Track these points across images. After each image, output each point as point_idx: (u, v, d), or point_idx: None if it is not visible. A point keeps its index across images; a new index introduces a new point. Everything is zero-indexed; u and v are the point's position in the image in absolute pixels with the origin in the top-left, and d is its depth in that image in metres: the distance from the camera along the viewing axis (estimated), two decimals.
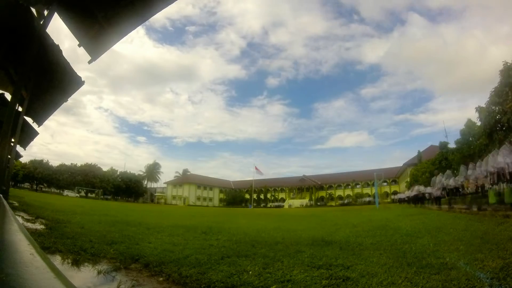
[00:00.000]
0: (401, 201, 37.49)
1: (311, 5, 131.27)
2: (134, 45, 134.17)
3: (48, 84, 6.85)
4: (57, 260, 3.24)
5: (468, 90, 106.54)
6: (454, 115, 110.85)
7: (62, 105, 8.01)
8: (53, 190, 54.38)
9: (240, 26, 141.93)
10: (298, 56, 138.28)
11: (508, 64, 13.13)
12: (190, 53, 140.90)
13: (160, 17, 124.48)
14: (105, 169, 61.53)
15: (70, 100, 7.50)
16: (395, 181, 64.40)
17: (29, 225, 5.74)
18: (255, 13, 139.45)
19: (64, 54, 5.64)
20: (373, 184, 50.43)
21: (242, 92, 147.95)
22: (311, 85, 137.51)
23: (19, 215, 6.84)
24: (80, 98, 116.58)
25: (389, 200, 57.06)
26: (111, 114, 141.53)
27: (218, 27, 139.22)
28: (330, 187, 73.03)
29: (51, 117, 9.64)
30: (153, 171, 77.75)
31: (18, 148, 13.18)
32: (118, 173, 62.57)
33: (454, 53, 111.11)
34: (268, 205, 68.86)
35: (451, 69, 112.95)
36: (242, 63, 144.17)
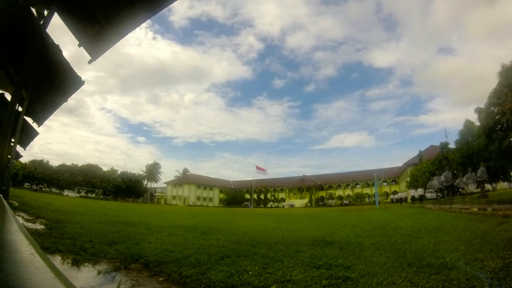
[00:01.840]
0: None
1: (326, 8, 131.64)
2: (148, 45, 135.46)
3: (48, 84, 6.85)
4: (57, 260, 3.24)
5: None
6: (455, 116, 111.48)
7: (64, 105, 8.01)
8: (53, 190, 54.36)
9: (253, 29, 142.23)
10: (305, 56, 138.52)
11: (506, 65, 13.12)
12: (203, 54, 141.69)
13: (179, 18, 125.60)
14: (106, 169, 61.69)
15: (73, 101, 7.55)
16: (395, 181, 64.42)
17: (29, 225, 5.74)
18: (268, 16, 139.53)
19: (68, 54, 5.65)
20: (373, 184, 50.39)
21: (245, 93, 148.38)
22: (313, 86, 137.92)
23: (19, 215, 6.85)
24: (84, 98, 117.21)
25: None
26: (113, 115, 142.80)
27: (235, 30, 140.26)
28: (330, 187, 73.02)
29: (53, 117, 9.65)
30: (153, 171, 77.77)
31: (18, 148, 13.17)
32: (118, 173, 62.61)
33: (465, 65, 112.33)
34: (272, 205, 68.66)
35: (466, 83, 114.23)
36: (250, 64, 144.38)
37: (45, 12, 4.61)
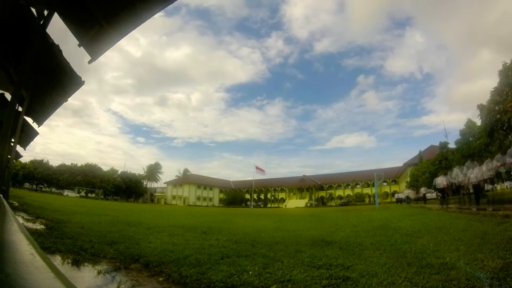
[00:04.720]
0: None
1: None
2: (172, 46, 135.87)
3: (48, 84, 6.85)
4: (57, 260, 3.24)
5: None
6: (455, 116, 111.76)
7: (67, 106, 8.01)
8: (53, 190, 54.33)
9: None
10: (312, 58, 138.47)
11: (507, 64, 13.14)
12: (224, 56, 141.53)
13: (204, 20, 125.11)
14: (107, 169, 61.64)
15: (78, 102, 7.54)
16: (395, 181, 64.42)
17: (29, 225, 5.74)
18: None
19: (74, 54, 5.65)
20: (373, 184, 50.40)
21: (248, 94, 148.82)
22: (316, 87, 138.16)
23: (19, 215, 6.84)
24: (89, 99, 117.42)
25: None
26: (117, 116, 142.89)
27: (264, 32, 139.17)
28: (330, 187, 73.02)
29: (56, 117, 9.67)
30: (153, 171, 77.80)
31: (18, 148, 13.17)
32: (119, 173, 62.58)
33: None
34: (271, 205, 68.63)
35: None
36: (256, 65, 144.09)
37: (45, 12, 4.61)
